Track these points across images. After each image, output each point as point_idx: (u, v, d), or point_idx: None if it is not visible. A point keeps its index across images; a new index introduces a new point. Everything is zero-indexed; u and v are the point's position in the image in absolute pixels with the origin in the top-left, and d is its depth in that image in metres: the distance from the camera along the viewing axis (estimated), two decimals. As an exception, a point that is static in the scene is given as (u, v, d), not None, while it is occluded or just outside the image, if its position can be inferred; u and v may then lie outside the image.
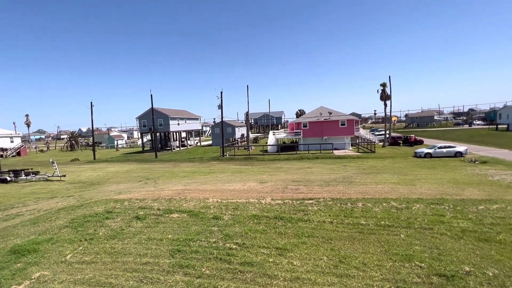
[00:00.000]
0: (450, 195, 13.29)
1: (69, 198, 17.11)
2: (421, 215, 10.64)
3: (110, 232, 10.31)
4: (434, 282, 6.46)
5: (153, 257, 8.27)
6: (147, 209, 12.76)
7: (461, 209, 11.16)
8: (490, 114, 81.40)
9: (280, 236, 9.35)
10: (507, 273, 6.68)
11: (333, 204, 12.43)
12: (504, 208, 11.07)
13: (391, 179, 17.87)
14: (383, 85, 41.09)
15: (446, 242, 8.43)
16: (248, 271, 7.32)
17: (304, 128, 39.77)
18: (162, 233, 10.05)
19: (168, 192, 16.42)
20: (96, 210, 13.09)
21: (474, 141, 41.27)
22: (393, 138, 43.28)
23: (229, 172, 24.88)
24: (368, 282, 6.60)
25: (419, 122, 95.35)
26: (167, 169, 29.56)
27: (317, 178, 19.30)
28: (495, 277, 6.55)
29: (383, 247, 8.26)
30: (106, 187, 20.75)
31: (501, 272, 6.75)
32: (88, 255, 8.64)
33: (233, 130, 57.83)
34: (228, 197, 14.34)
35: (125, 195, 16.00)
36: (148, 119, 48.61)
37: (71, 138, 72.25)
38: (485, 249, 7.93)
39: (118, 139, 78.92)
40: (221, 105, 40.75)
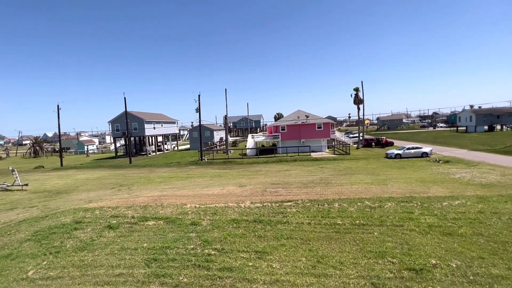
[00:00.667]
0: (418, 193, 14.16)
1: (32, 209, 15.79)
2: (393, 213, 11.22)
3: (79, 244, 9.65)
4: (405, 276, 6.82)
5: (126, 268, 7.86)
6: (121, 217, 12.14)
7: (428, 206, 11.93)
8: (451, 117, 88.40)
9: (259, 240, 9.35)
10: (468, 264, 7.23)
11: (311, 205, 12.69)
12: (464, 204, 12.01)
13: (365, 180, 18.66)
14: (356, 90, 43.04)
15: (415, 237, 8.95)
16: (227, 276, 7.21)
17: (283, 131, 40.37)
18: (136, 242, 9.60)
19: (144, 198, 15.77)
20: (63, 220, 12.20)
21: (438, 142, 44.49)
22: (366, 140, 45.34)
23: (207, 177, 24.49)
24: (345, 280, 6.80)
25: (390, 125, 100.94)
26: (142, 174, 28.41)
27: (295, 180, 19.63)
28: (458, 268, 7.06)
29: (358, 246, 8.57)
30: (74, 195, 19.44)
31: (463, 263, 7.30)
32: (53, 269, 8.01)
33: (211, 133, 57.16)
34: (207, 202, 14.09)
35: (96, 204, 15.11)
36: (122, 123, 46.54)
37: (34, 144, 66.95)
38: (449, 242, 8.53)
39: (88, 144, 74.53)
40: (199, 109, 40.17)
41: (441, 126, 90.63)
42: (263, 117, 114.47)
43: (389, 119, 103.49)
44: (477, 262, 7.31)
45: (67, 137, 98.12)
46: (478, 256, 7.58)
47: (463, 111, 72.18)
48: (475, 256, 7.61)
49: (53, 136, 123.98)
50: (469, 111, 68.59)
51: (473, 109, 74.87)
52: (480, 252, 7.82)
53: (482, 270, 6.93)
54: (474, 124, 61.06)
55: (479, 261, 7.36)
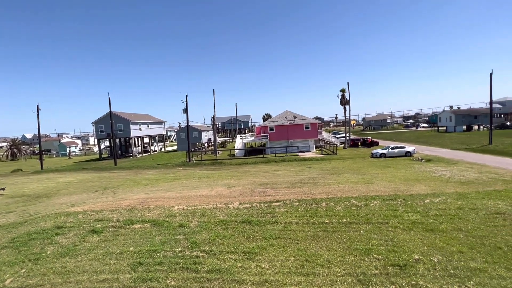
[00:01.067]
0: (402, 191, 14.62)
1: (9, 214, 15.04)
2: (378, 211, 11.52)
3: (60, 250, 9.29)
4: (389, 272, 7.01)
5: (111, 273, 7.63)
6: (105, 221, 11.79)
7: (411, 203, 12.34)
8: (432, 117, 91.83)
9: (248, 240, 9.34)
10: (449, 258, 7.54)
11: (299, 205, 12.82)
12: (445, 201, 12.52)
13: (351, 179, 19.06)
14: (343, 91, 43.90)
15: (399, 234, 9.23)
16: (216, 278, 7.16)
17: (271, 131, 40.57)
18: (122, 246, 9.35)
19: (129, 201, 15.39)
20: (43, 226, 11.71)
21: (421, 141, 46.12)
22: (352, 140, 46.32)
23: (195, 178, 24.21)
24: (332, 278, 6.91)
25: (375, 125, 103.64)
26: (128, 177, 27.71)
27: (284, 181, 19.76)
28: (439, 263, 7.33)
29: (345, 243, 8.74)
30: (56, 199, 18.69)
31: (444, 257, 7.60)
32: (33, 277, 7.66)
33: (199, 134, 56.58)
34: (195, 204, 13.93)
35: (79, 207, 14.60)
36: (106, 124, 45.23)
37: (12, 146, 63.83)
38: (431, 238, 8.85)
39: (70, 146, 71.95)
40: (187, 109, 39.69)
41: (423, 126, 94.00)
42: (251, 118, 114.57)
43: (374, 120, 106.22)
44: (457, 256, 7.63)
45: (48, 138, 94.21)
46: (458, 251, 7.91)
47: (443, 111, 75.22)
48: (455, 250, 7.94)
49: (33, 138, 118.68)
50: (449, 111, 71.55)
51: (452, 110, 78.19)
52: (459, 246, 8.16)
53: (461, 263, 7.24)
54: (453, 124, 63.75)
55: (459, 255, 7.68)
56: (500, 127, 59.71)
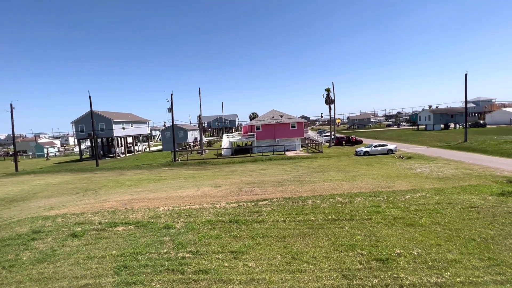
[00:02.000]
0: (384, 187, 15.10)
1: (-20, 220, 14.14)
2: (362, 207, 11.83)
3: (37, 255, 8.87)
4: (373, 267, 7.23)
5: (93, 278, 7.38)
6: (86, 224, 11.37)
7: (393, 199, 12.78)
8: (413, 116, 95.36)
9: (235, 240, 9.32)
10: (427, 251, 7.87)
11: (286, 203, 12.94)
12: (424, 196, 13.05)
13: (336, 177, 19.47)
14: (327, 90, 44.66)
15: (382, 229, 9.54)
16: (202, 279, 7.09)
17: (258, 130, 40.62)
18: (104, 249, 9.06)
19: (112, 203, 14.92)
20: (18, 231, 11.12)
21: (402, 139, 47.81)
22: (337, 138, 47.25)
23: (181, 178, 23.84)
24: (318, 274, 7.03)
25: (359, 124, 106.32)
26: (110, 178, 26.84)
27: (270, 179, 19.87)
28: (419, 256, 7.65)
29: (330, 240, 8.92)
30: (32, 203, 17.79)
31: (423, 250, 7.93)
32: (7, 285, 7.26)
33: (185, 134, 55.70)
34: (181, 204, 13.72)
35: (58, 211, 13.99)
36: (87, 123, 43.56)
37: (-17, 147, 60.05)
38: (411, 232, 9.21)
39: (48, 147, 68.67)
40: (172, 108, 38.92)
41: (404, 125, 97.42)
42: (238, 117, 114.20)
43: (358, 118, 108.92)
44: (435, 249, 7.99)
45: (23, 139, 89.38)
46: (436, 244, 8.28)
47: (423, 111, 78.44)
48: (433, 243, 8.31)
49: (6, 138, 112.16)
50: (427, 111, 74.62)
51: (431, 109, 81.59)
52: (437, 239, 8.55)
53: (439, 256, 7.59)
54: (432, 123, 66.56)
55: (437, 248, 8.04)
56: (475, 125, 62.97)
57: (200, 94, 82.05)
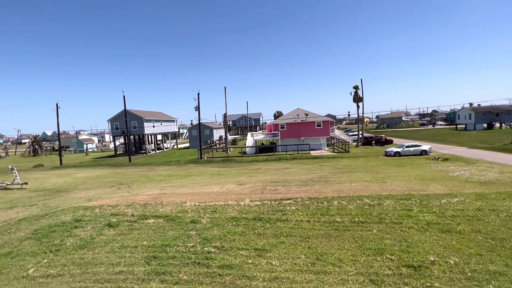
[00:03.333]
0: (417, 190, 14.21)
1: (31, 207, 15.80)
2: (391, 210, 11.26)
3: (79, 242, 9.69)
4: (403, 273, 6.87)
5: (127, 266, 7.90)
6: (120, 215, 12.17)
7: (426, 203, 11.98)
8: (450, 115, 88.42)
9: (259, 237, 9.39)
10: (466, 261, 7.29)
11: (310, 203, 12.73)
12: (463, 201, 12.07)
13: (364, 177, 18.71)
14: (356, 88, 43.01)
15: (414, 234, 9.00)
16: (227, 274, 7.26)
17: (282, 129, 40.37)
18: (136, 240, 9.64)
19: (143, 197, 15.80)
20: (63, 219, 12.23)
21: (437, 140, 44.57)
22: (365, 138, 45.37)
23: (207, 175, 24.51)
24: (344, 277, 6.84)
25: (389, 123, 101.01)
26: (141, 173, 28.42)
27: (294, 178, 19.67)
28: (456, 265, 7.11)
29: (357, 243, 8.62)
30: (74, 194, 19.46)
31: (461, 260, 7.35)
32: (54, 267, 8.04)
33: (211, 132, 57.11)
34: (206, 200, 14.12)
35: (96, 202, 15.14)
36: (121, 122, 46.47)
37: (34, 143, 66.81)
38: (447, 239, 8.58)
39: (88, 143, 74.42)
40: (198, 107, 40.10)
41: (441, 124, 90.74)
42: (262, 116, 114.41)
43: (388, 117, 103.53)
44: (475, 259, 7.37)
45: (67, 135, 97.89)
46: (476, 253, 7.63)
47: (463, 109, 72.19)
48: (473, 253, 7.67)
49: (52, 135, 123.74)
50: (468, 109, 68.63)
51: (472, 107, 74.96)
52: (478, 249, 7.87)
53: (480, 266, 6.98)
54: (473, 122, 61.15)
55: (477, 258, 7.41)
56: (524, 125, 56.74)
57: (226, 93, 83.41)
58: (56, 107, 41.98)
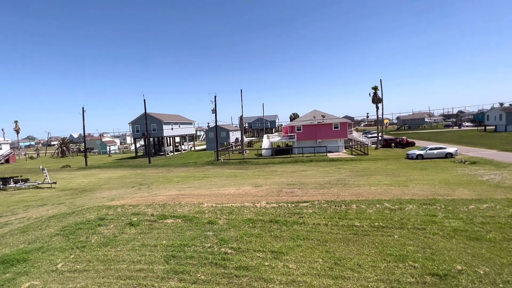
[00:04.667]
0: (442, 195, 13.53)
1: (60, 206, 16.76)
2: (414, 215, 10.80)
3: (102, 239, 10.13)
4: (427, 282, 6.55)
5: (147, 264, 8.15)
6: (141, 215, 12.60)
7: (452, 209, 11.37)
8: (478, 115, 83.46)
9: (275, 240, 9.35)
10: (498, 271, 6.82)
11: (328, 206, 12.50)
12: (493, 207, 11.32)
13: (384, 181, 18.09)
14: (375, 89, 41.81)
15: (439, 241, 8.57)
16: (243, 275, 7.28)
17: (298, 131, 40.03)
18: (156, 239, 9.92)
19: (162, 197, 16.25)
20: (88, 217, 12.85)
21: (464, 142, 42.20)
22: (385, 140, 43.91)
23: (223, 177, 24.79)
24: (363, 283, 6.64)
25: (411, 124, 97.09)
26: (160, 174, 29.28)
27: (311, 181, 19.40)
28: (486, 275, 6.67)
29: (377, 248, 8.34)
30: (98, 193, 20.41)
31: (492, 270, 6.89)
32: (80, 263, 8.47)
33: (227, 134, 57.77)
34: (223, 202, 14.27)
35: (118, 201, 15.77)
36: (141, 124, 48.21)
37: (62, 145, 70.95)
38: (476, 247, 8.08)
39: (110, 145, 77.88)
40: (215, 110, 40.76)
41: (467, 126, 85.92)
42: (278, 118, 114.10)
43: (410, 118, 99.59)
44: (508, 269, 6.87)
45: (91, 138, 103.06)
46: (509, 263, 7.12)
47: (492, 109, 67.81)
48: (505, 263, 7.16)
49: (78, 137, 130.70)
50: (498, 109, 64.39)
51: (503, 106, 70.28)
52: (511, 258, 7.34)
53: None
54: (504, 123, 57.27)
55: (510, 268, 6.91)
56: None
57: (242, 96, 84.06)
58: (82, 111, 44.34)
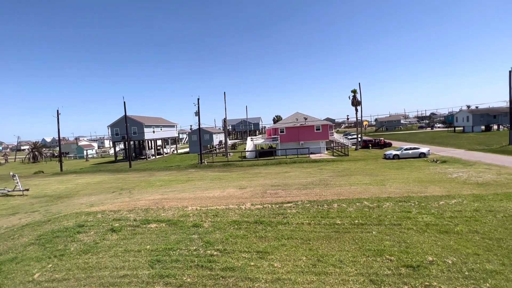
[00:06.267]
0: (416, 193, 14.40)
1: (34, 214, 15.89)
2: (391, 212, 11.43)
3: (82, 247, 9.80)
4: (402, 273, 7.02)
5: (131, 269, 8.02)
6: (123, 220, 12.29)
7: (425, 205, 12.16)
8: (448, 117, 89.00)
9: (260, 240, 9.53)
10: (464, 260, 7.45)
11: (311, 206, 12.89)
12: (461, 203, 12.25)
13: (364, 180, 18.89)
14: (354, 92, 43.43)
15: (412, 235, 9.17)
16: (230, 276, 7.39)
17: (281, 133, 40.66)
18: (139, 244, 9.76)
19: (145, 202, 15.92)
20: (66, 224, 12.34)
21: (436, 142, 44.89)
22: (364, 141, 45.66)
23: (207, 179, 24.65)
24: (344, 278, 6.99)
25: (388, 126, 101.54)
26: (142, 178, 28.54)
27: (295, 182, 19.83)
28: (453, 264, 7.27)
29: (357, 244, 8.77)
30: (76, 199, 19.55)
31: (459, 259, 7.51)
32: (59, 272, 8.16)
33: (211, 137, 57.35)
34: (208, 204, 14.26)
35: (98, 207, 15.25)
36: (121, 127, 46.69)
37: (33, 149, 66.90)
38: (445, 240, 8.74)
39: (87, 149, 74.48)
40: (198, 112, 40.41)
41: (439, 127, 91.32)
42: (262, 120, 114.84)
43: (387, 120, 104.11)
44: (472, 258, 7.53)
45: (66, 142, 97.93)
46: (474, 253, 7.79)
47: (460, 111, 72.77)
48: (471, 252, 7.83)
49: (52, 141, 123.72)
50: (466, 111, 69.23)
51: (470, 109, 75.58)
52: (475, 248, 8.03)
53: (477, 266, 7.14)
54: (471, 124, 61.60)
55: (474, 257, 7.57)
56: (522, 126, 57.20)
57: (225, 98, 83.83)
58: (56, 113, 42.24)
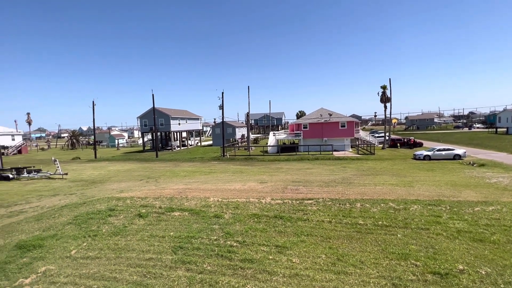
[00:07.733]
0: (447, 196, 13.49)
1: (71, 196, 17.33)
2: (418, 215, 10.85)
3: (113, 229, 10.53)
4: (428, 280, 6.67)
5: (155, 253, 8.48)
6: (149, 207, 12.97)
7: (458, 210, 11.37)
8: (489, 117, 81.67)
9: (279, 235, 9.56)
10: (500, 272, 6.89)
11: (332, 204, 12.64)
12: (499, 210, 11.28)
13: (390, 181, 18.07)
14: (383, 88, 41.32)
15: (442, 241, 8.64)
16: (248, 267, 7.53)
17: (304, 129, 40.00)
18: (164, 230, 10.26)
19: (169, 191, 16.63)
20: (98, 207, 13.30)
21: (473, 144, 41.48)
22: (392, 140, 43.49)
23: (229, 172, 25.09)
24: (365, 279, 6.81)
25: (419, 125, 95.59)
26: (168, 168, 29.77)
27: (316, 179, 19.51)
28: (487, 276, 6.75)
29: (380, 246, 8.47)
30: (107, 185, 20.96)
31: (494, 270, 6.96)
32: (92, 250, 8.86)
33: (233, 130, 58.03)
34: (229, 197, 14.55)
35: (127, 193, 16.22)
36: (149, 119, 48.85)
37: (72, 137, 72.47)
38: (479, 248, 8.14)
39: (119, 138, 79.09)
40: (222, 106, 40.99)
41: (478, 127, 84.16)
42: (285, 115, 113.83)
43: (418, 119, 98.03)
44: (510, 270, 6.94)
45: (100, 131, 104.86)
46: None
47: (504, 110, 66.17)
48: (508, 264, 7.22)
49: (88, 130, 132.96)
50: (511, 110, 62.87)
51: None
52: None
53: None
54: (516, 125, 55.95)
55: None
56: None
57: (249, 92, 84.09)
58: (92, 104, 45.19)
